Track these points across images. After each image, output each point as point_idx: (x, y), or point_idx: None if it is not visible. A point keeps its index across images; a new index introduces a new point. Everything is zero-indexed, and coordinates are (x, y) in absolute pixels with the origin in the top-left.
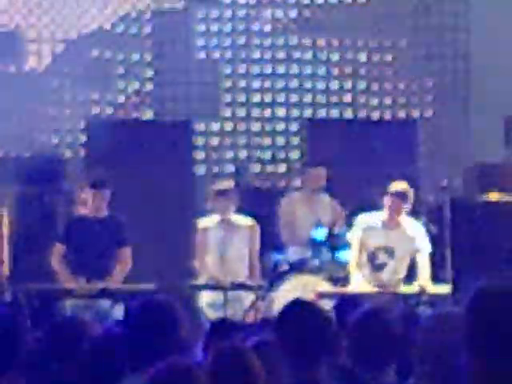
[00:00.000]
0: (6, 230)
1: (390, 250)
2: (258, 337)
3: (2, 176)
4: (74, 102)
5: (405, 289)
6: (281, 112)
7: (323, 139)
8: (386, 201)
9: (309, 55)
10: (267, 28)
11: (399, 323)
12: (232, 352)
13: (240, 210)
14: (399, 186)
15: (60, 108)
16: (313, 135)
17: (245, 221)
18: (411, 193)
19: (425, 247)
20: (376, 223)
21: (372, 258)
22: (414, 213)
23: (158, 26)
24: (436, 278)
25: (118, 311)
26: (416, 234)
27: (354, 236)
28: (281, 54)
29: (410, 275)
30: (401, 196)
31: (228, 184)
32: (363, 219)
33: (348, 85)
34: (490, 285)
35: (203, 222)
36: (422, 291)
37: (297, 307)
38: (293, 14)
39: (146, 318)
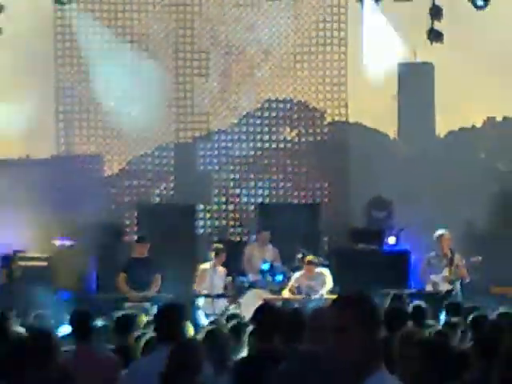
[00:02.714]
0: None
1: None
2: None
3: (94, 236)
4: (131, 192)
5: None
6: (245, 200)
7: (268, 215)
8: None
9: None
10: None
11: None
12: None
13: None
14: (310, 257)
15: (121, 197)
16: (262, 213)
17: (221, 268)
18: (318, 258)
19: (328, 280)
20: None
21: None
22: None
23: (177, 154)
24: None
25: (154, 308)
26: (324, 275)
27: (293, 280)
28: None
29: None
30: (312, 263)
31: (219, 248)
32: (297, 274)
33: (283, 184)
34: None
35: (203, 265)
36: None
37: (265, 306)
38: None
39: (171, 306)
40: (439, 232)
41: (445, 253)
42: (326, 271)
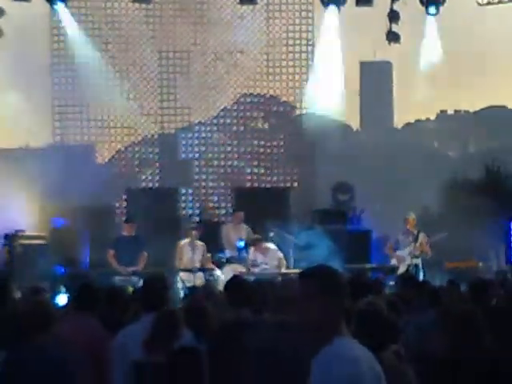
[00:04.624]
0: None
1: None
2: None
3: (87, 217)
4: (120, 178)
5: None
6: (222, 184)
7: (243, 198)
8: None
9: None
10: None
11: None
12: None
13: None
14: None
15: (111, 182)
16: (237, 195)
17: (200, 243)
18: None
19: (281, 256)
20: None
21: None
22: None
23: (161, 143)
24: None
25: (141, 282)
26: (276, 251)
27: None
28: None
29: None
30: (258, 240)
31: (188, 228)
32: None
33: (256, 170)
34: None
35: (182, 241)
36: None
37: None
38: None
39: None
40: (406, 214)
41: (410, 231)
42: (273, 245)
